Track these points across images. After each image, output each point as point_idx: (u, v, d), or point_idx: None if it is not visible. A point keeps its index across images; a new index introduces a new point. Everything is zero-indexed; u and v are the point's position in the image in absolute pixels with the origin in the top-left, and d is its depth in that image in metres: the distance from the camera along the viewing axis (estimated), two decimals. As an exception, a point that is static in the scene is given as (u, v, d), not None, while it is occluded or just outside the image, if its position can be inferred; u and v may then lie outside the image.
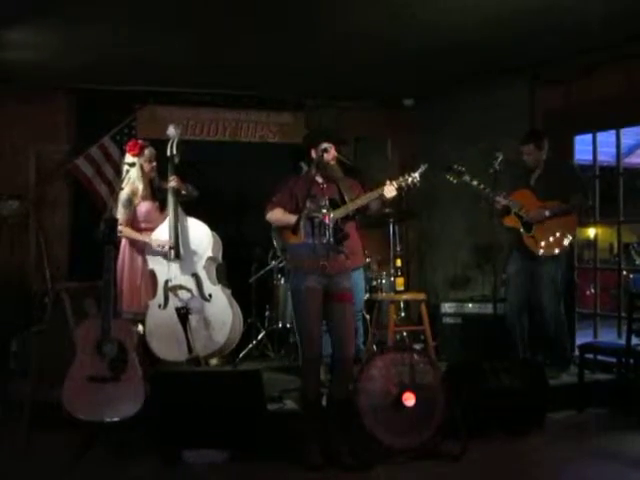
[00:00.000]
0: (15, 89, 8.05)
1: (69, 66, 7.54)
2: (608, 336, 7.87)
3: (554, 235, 6.66)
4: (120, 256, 6.64)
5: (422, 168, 5.81)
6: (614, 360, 6.77)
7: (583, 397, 6.53)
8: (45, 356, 6.36)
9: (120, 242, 6.61)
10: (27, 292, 8.08)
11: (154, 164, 6.75)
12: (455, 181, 6.79)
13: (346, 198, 5.76)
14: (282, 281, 7.99)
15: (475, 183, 6.74)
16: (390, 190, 5.71)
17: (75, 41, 6.79)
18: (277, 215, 5.88)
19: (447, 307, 7.95)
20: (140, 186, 6.65)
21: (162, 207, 6.75)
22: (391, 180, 5.78)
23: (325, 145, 5.76)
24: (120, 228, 6.37)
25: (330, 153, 5.76)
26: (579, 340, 7.46)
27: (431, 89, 9.00)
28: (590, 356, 6.84)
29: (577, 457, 5.43)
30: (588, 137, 7.87)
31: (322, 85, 8.75)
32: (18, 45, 6.82)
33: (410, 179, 5.75)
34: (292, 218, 5.61)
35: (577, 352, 6.89)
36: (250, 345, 7.87)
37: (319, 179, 5.74)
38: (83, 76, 8.01)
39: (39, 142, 8.32)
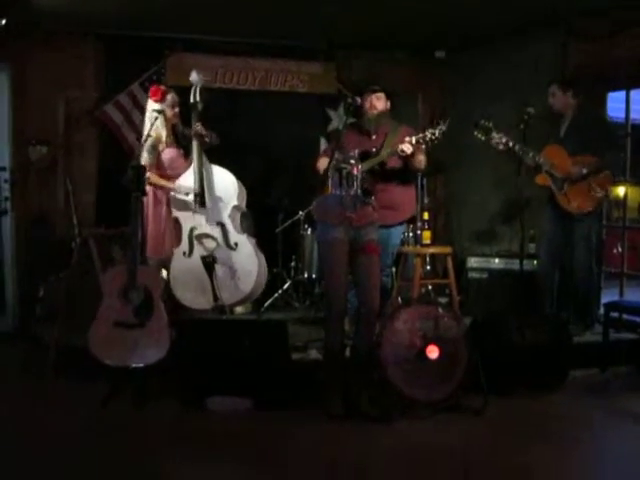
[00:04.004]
0: (45, 35, 8.02)
1: (98, 10, 7.47)
2: (634, 295, 7.82)
3: (587, 192, 6.60)
4: (144, 203, 6.64)
5: (441, 124, 5.84)
6: (639, 320, 6.74)
7: (606, 356, 6.50)
8: (71, 301, 6.43)
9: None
10: (54, 237, 8.13)
11: (177, 110, 6.68)
12: (483, 138, 6.68)
13: (383, 151, 5.83)
14: (309, 232, 7.99)
15: (504, 140, 6.65)
16: (406, 146, 5.77)
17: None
18: (320, 164, 5.97)
19: (473, 262, 7.93)
20: (163, 132, 6.58)
21: (186, 154, 6.68)
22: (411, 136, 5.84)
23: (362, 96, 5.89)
24: (147, 175, 6.39)
25: (371, 104, 5.79)
26: (605, 299, 7.41)
27: (463, 42, 8.87)
28: (615, 315, 6.81)
29: (597, 415, 5.43)
30: (621, 94, 7.75)
31: (354, 35, 8.62)
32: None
33: (429, 135, 5.82)
34: None
35: (602, 310, 6.86)
36: (275, 295, 7.92)
37: (370, 130, 5.78)
38: (112, 22, 7.94)
39: (68, 88, 8.28)
